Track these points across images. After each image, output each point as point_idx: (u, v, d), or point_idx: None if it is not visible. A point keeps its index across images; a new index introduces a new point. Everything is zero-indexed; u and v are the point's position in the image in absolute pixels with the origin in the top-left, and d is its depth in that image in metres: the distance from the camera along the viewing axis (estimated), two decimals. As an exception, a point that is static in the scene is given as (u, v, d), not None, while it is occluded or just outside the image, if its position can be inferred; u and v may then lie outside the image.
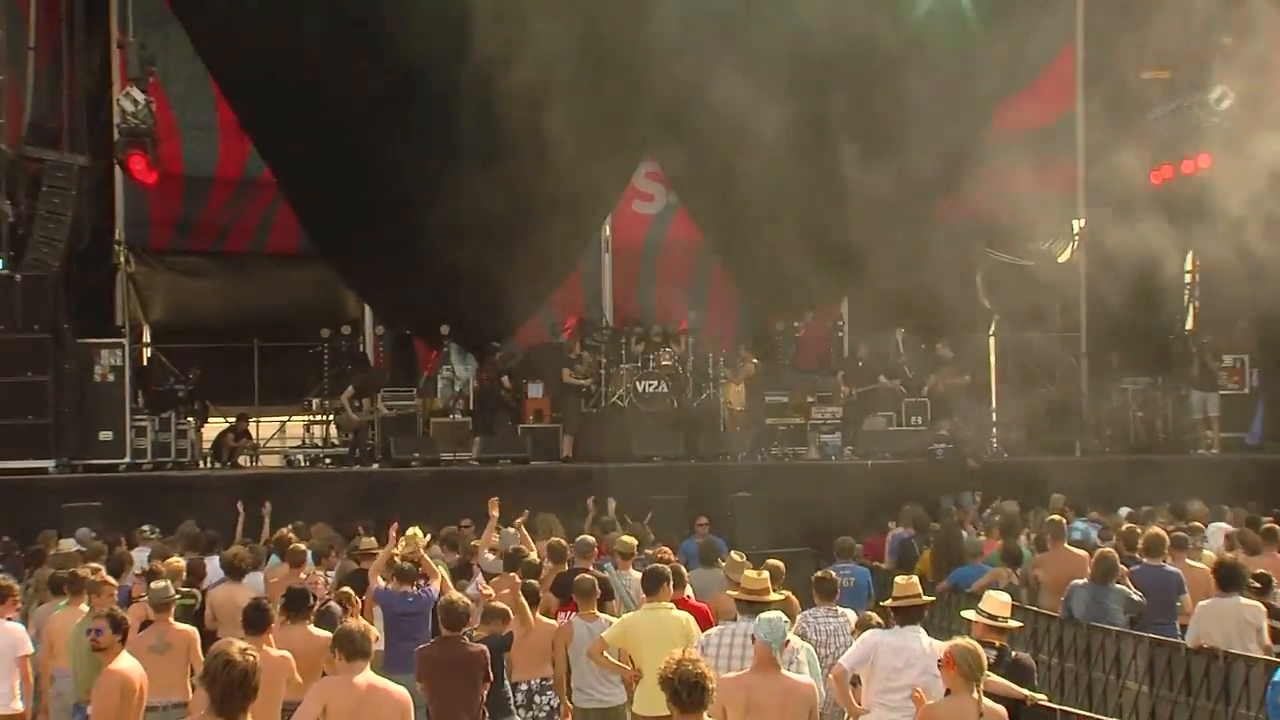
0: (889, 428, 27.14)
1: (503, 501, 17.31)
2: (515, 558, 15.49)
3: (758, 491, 24.35)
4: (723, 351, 27.73)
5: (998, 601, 12.03)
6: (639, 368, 26.92)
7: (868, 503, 23.55)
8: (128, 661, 10.92)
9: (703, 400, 27.23)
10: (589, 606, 13.39)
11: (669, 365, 26.94)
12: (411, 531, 15.08)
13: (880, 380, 27.57)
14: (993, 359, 29.71)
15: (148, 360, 28.23)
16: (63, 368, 24.25)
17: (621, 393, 26.81)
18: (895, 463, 25.65)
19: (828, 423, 26.93)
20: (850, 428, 27.00)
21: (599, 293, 29.56)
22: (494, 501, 16.79)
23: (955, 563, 18.27)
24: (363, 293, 28.86)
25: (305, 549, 16.24)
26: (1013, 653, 11.98)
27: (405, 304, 27.93)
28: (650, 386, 26.70)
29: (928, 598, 11.97)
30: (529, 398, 26.89)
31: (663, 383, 26.77)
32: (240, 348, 28.71)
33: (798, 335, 28.75)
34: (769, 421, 26.93)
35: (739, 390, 26.85)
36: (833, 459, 26.40)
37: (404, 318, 28.44)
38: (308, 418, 28.00)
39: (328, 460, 26.87)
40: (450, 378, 27.10)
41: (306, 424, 28.07)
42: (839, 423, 26.96)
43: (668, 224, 29.95)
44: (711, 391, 27.22)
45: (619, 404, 26.79)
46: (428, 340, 28.07)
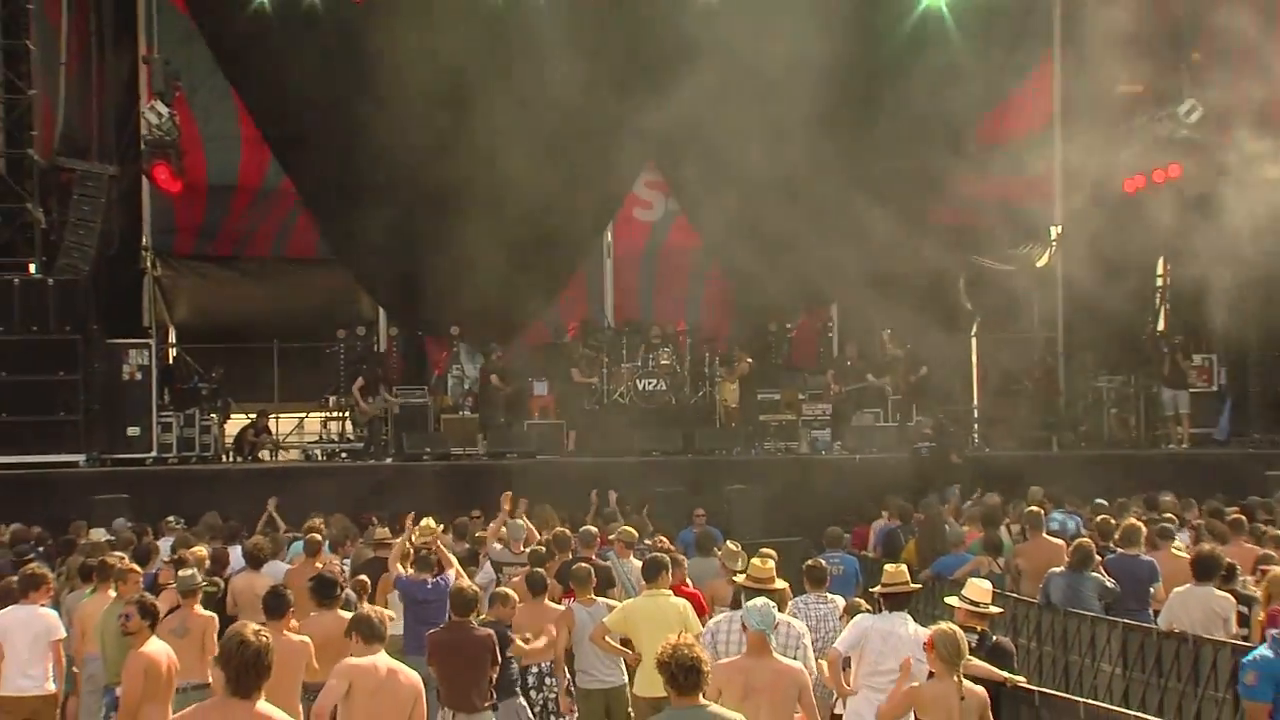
0: (876, 424, 27.14)
1: (510, 494, 17.37)
2: (538, 556, 15.53)
3: (752, 484, 24.34)
4: (718, 351, 27.72)
5: (979, 588, 12.05)
6: (639, 367, 26.91)
7: (856, 495, 23.52)
8: (156, 645, 10.96)
9: (699, 398, 27.23)
10: (585, 592, 13.43)
11: (667, 364, 26.94)
12: (425, 523, 15.12)
13: (868, 379, 27.57)
14: (974, 359, 29.71)
15: (173, 360, 28.21)
16: (92, 367, 24.26)
17: (622, 390, 26.81)
18: (882, 457, 25.65)
19: (818, 419, 26.92)
20: (839, 424, 26.99)
21: (601, 295, 29.57)
22: (508, 496, 16.89)
23: (939, 552, 18.25)
24: (377, 296, 28.86)
25: (321, 538, 16.27)
26: (993, 637, 12.00)
27: (417, 306, 27.95)
28: (650, 384, 26.69)
29: (915, 585, 11.99)
30: (534, 395, 26.91)
31: (661, 381, 26.76)
32: (260, 348, 28.72)
33: (789, 336, 28.76)
34: (762, 418, 26.93)
35: (734, 388, 26.86)
36: (822, 453, 26.39)
37: (416, 319, 28.47)
38: (325, 414, 27.99)
39: (344, 454, 26.88)
40: (460, 376, 27.12)
41: (324, 420, 28.07)
42: (828, 419, 26.95)
43: (666, 231, 29.98)
44: (708, 389, 27.23)
45: (620, 401, 26.79)
46: (439, 341, 28.10)
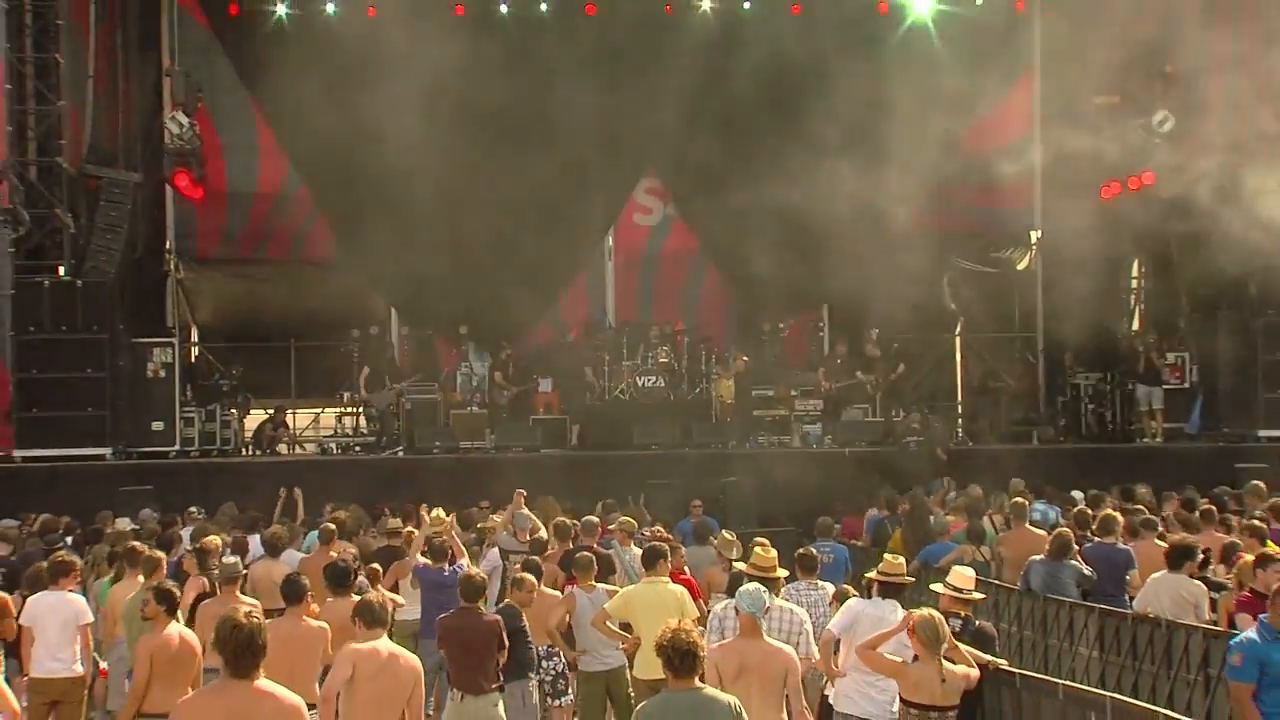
0: (864, 419, 27.12)
1: (515, 485, 17.40)
2: (539, 544, 15.53)
3: (746, 476, 24.30)
4: (715, 350, 27.68)
5: (963, 575, 12.04)
6: (639, 364, 26.87)
7: (845, 486, 23.52)
8: (170, 629, 10.92)
9: (696, 394, 27.19)
10: (587, 579, 13.47)
11: (666, 362, 26.90)
12: (436, 514, 15.13)
13: (856, 376, 27.54)
14: (958, 357, 29.69)
15: (195, 358, 28.16)
16: (119, 365, 24.25)
17: (623, 387, 26.78)
18: (870, 450, 25.64)
19: (809, 414, 26.87)
20: (830, 419, 26.97)
21: (603, 296, 29.56)
22: (521, 492, 16.93)
23: (924, 541, 18.26)
24: (389, 297, 28.85)
25: (335, 528, 16.27)
26: (976, 622, 12.01)
27: (428, 307, 27.93)
28: (649, 381, 26.64)
29: (909, 578, 11.99)
30: (539, 392, 26.90)
31: (660, 378, 26.71)
32: (278, 346, 28.70)
33: (782, 335, 28.72)
34: (756, 413, 26.89)
35: (729, 385, 26.82)
36: (814, 447, 26.34)
37: (427, 320, 28.46)
38: (339, 409, 27.97)
39: (357, 448, 26.84)
40: (468, 374, 27.08)
41: (338, 415, 28.03)
42: (819, 414, 26.91)
43: (665, 235, 29.96)
44: (704, 386, 27.19)
45: (621, 397, 26.76)
46: (448, 340, 28.09)
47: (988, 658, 11.50)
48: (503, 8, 27.43)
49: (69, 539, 17.98)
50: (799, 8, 27.88)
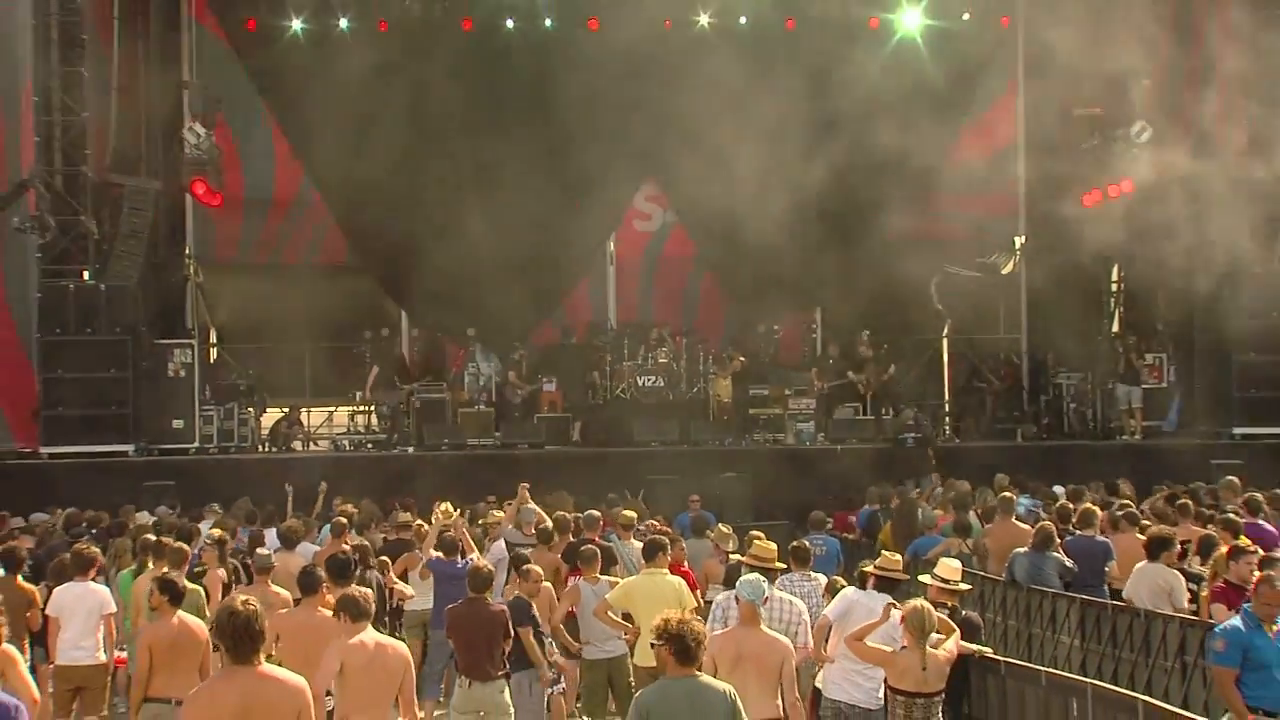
0: (855, 417, 27.10)
1: (520, 480, 17.40)
2: (546, 535, 15.53)
3: (742, 472, 24.33)
4: (712, 351, 27.67)
5: (950, 567, 12.06)
6: (639, 365, 26.85)
7: (837, 482, 23.51)
8: (172, 619, 10.94)
9: (694, 393, 27.16)
10: (592, 571, 13.43)
11: (665, 363, 26.86)
12: (444, 507, 15.15)
13: (848, 376, 27.53)
14: (945, 358, 29.67)
15: (214, 359, 28.19)
16: (141, 365, 24.31)
17: (624, 386, 26.77)
18: (861, 447, 25.63)
19: (803, 413, 26.83)
20: (822, 417, 26.95)
21: (605, 300, 29.54)
22: (525, 486, 16.92)
23: (913, 534, 18.25)
24: (400, 300, 28.83)
25: (346, 521, 16.27)
26: (963, 612, 12.01)
27: (436, 310, 27.90)
28: (649, 381, 26.62)
29: (904, 575, 12.00)
30: (544, 391, 26.89)
31: (660, 378, 26.68)
32: (293, 347, 28.65)
33: (777, 337, 28.70)
34: (752, 411, 26.86)
35: (726, 384, 26.81)
36: (807, 444, 26.31)
37: (435, 322, 28.43)
38: (352, 408, 27.94)
39: (369, 445, 26.82)
40: (475, 374, 27.07)
41: (351, 413, 27.97)
42: (812, 413, 26.87)
43: (664, 240, 29.94)
44: (702, 385, 27.17)
45: (621, 396, 26.74)
46: (456, 341, 28.08)
47: (974, 646, 11.52)
48: (509, 23, 27.41)
49: (92, 532, 17.98)
50: (793, 23, 27.86)
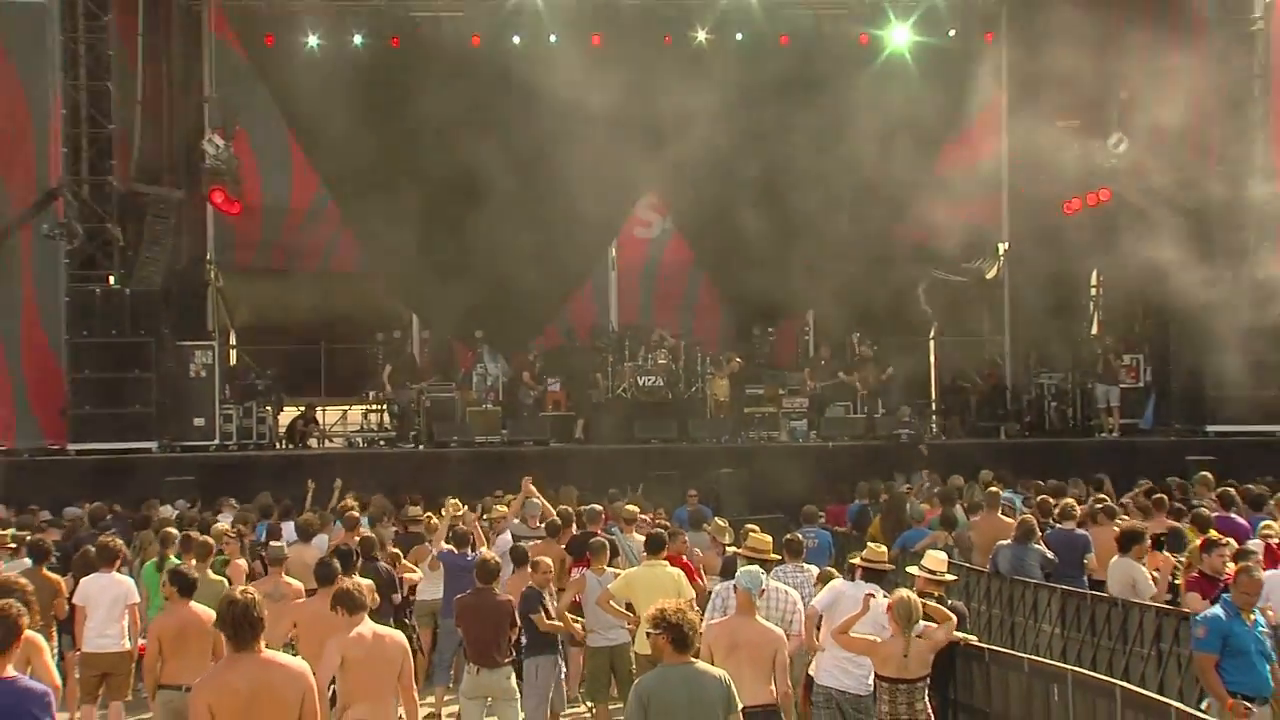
0: (846, 415, 27.11)
1: (525, 475, 17.40)
2: (555, 529, 15.56)
3: (738, 468, 24.33)
4: (709, 352, 27.70)
5: (937, 559, 12.09)
6: (640, 365, 26.87)
7: (829, 477, 23.53)
8: (181, 609, 10.98)
9: (693, 393, 27.18)
10: (600, 563, 13.45)
11: (664, 363, 26.86)
12: (452, 501, 15.14)
13: (839, 376, 27.54)
14: (932, 359, 29.70)
15: (234, 360, 28.24)
16: (164, 366, 24.38)
17: (625, 386, 26.78)
18: (851, 444, 25.66)
19: (796, 411, 26.86)
20: (814, 415, 26.98)
21: (607, 303, 29.59)
22: (528, 480, 16.95)
23: (901, 527, 18.27)
24: (411, 304, 28.88)
25: (358, 515, 16.27)
26: (949, 602, 12.02)
27: (446, 313, 27.92)
28: (649, 381, 26.62)
29: (889, 565, 12.04)
30: (549, 390, 26.92)
31: (659, 378, 26.68)
32: (309, 349, 28.72)
33: (771, 339, 28.75)
34: (747, 410, 26.87)
35: (723, 384, 26.82)
36: (800, 441, 26.34)
37: (445, 324, 28.46)
38: (365, 407, 27.99)
39: (382, 442, 26.83)
40: (483, 374, 27.08)
41: (364, 412, 28.03)
42: (805, 411, 26.91)
43: (664, 247, 29.99)
44: (700, 385, 27.18)
45: (623, 395, 26.76)
46: (465, 343, 28.11)
47: (960, 634, 11.54)
48: (515, 39, 27.44)
49: (118, 525, 18.02)
50: (787, 39, 27.87)
